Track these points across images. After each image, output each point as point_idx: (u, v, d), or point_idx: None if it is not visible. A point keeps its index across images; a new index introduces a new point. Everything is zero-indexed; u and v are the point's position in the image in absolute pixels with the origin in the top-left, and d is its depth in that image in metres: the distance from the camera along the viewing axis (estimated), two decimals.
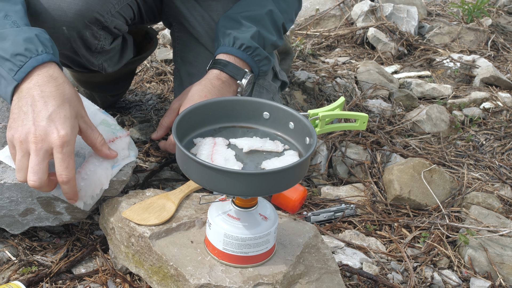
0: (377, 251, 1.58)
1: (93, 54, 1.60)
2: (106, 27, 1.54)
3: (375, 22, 3.15)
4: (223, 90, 1.53)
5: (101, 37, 1.57)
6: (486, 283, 1.50)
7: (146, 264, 1.25)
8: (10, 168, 1.33)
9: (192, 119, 1.19)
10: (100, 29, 1.54)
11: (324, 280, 1.24)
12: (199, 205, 1.36)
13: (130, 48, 1.80)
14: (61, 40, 1.49)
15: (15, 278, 1.32)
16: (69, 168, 1.18)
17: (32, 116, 1.17)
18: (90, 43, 1.54)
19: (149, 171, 1.74)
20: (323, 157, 1.95)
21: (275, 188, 1.08)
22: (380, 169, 1.92)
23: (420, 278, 1.51)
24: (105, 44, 1.59)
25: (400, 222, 1.70)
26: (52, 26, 1.48)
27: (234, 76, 1.54)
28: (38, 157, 1.16)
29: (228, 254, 1.17)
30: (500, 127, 2.37)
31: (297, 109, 2.29)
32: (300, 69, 2.61)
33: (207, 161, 1.09)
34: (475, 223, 1.72)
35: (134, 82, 2.39)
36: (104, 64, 1.67)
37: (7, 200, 1.31)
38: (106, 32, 1.57)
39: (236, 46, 1.55)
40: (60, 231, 1.47)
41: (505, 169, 2.07)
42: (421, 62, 2.93)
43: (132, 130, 2.01)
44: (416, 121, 2.26)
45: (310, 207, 1.72)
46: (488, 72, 2.71)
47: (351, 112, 1.25)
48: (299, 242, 1.29)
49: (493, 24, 3.38)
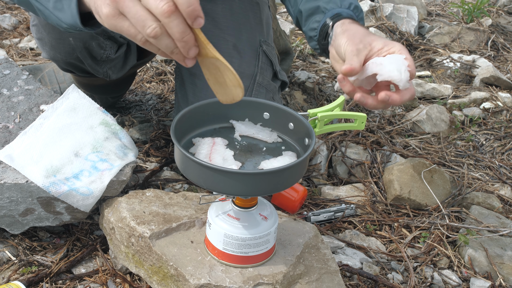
0: (377, 251, 1.58)
1: (99, 62, 1.60)
2: (112, 36, 1.55)
3: (375, 22, 3.15)
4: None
5: (107, 47, 1.57)
6: (486, 283, 1.50)
7: (146, 264, 1.25)
8: (10, 168, 1.33)
9: (191, 118, 1.19)
10: (106, 39, 1.54)
11: (324, 280, 1.24)
12: (199, 205, 1.36)
13: (134, 54, 1.80)
14: (67, 50, 1.50)
15: (15, 278, 1.32)
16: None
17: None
18: (96, 52, 1.55)
19: (149, 171, 1.74)
20: (323, 157, 1.95)
21: (272, 188, 1.08)
22: (380, 169, 1.92)
23: (420, 278, 1.51)
24: (110, 53, 1.60)
25: (400, 222, 1.70)
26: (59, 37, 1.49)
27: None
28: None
29: (228, 254, 1.17)
30: (500, 127, 2.37)
31: (297, 109, 2.29)
32: (300, 69, 2.61)
33: (205, 160, 1.09)
34: (475, 223, 1.72)
35: (134, 82, 2.39)
36: (108, 72, 1.68)
37: (7, 200, 1.31)
38: (111, 41, 1.57)
39: (345, 6, 1.46)
40: (60, 231, 1.47)
41: (505, 169, 2.07)
42: (421, 62, 2.93)
43: (132, 130, 2.01)
44: (416, 121, 2.26)
45: (310, 207, 1.72)
46: (488, 72, 2.71)
47: (349, 112, 1.25)
48: (299, 242, 1.29)
49: (493, 24, 3.38)
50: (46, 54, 1.71)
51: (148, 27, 0.89)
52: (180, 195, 1.42)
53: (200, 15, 0.89)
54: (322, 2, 1.49)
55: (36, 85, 1.59)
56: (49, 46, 1.65)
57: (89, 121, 1.46)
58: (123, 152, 1.42)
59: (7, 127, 1.46)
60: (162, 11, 0.87)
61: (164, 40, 0.91)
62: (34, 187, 1.30)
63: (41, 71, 2.09)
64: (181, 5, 0.87)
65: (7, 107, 1.51)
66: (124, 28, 0.93)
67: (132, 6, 0.90)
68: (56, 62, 1.73)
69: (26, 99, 1.54)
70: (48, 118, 1.45)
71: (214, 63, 0.96)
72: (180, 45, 0.91)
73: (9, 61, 1.68)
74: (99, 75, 1.67)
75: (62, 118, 1.45)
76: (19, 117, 1.48)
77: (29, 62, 2.47)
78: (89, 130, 1.43)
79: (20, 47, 2.62)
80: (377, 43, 1.30)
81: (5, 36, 2.74)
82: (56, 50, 1.65)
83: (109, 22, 0.93)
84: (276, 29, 2.34)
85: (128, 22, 0.92)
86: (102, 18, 0.95)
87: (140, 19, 0.90)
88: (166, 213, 1.32)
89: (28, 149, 1.37)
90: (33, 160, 1.34)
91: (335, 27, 1.41)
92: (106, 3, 0.92)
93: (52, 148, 1.37)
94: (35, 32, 1.66)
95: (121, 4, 0.90)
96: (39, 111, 1.51)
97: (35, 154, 1.35)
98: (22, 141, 1.39)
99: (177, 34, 0.90)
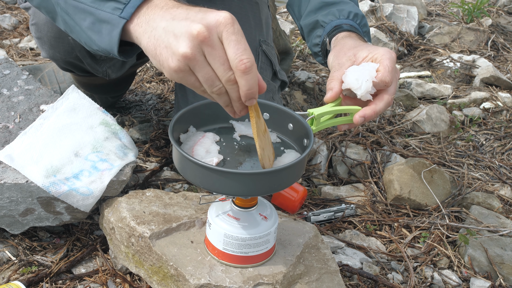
0: (377, 251, 1.58)
1: (98, 61, 1.60)
2: None
3: (375, 22, 3.15)
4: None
5: None
6: (486, 283, 1.50)
7: (146, 264, 1.25)
8: (10, 168, 1.33)
9: (190, 118, 1.19)
10: None
11: (324, 280, 1.24)
12: (199, 205, 1.36)
13: None
14: (66, 48, 1.50)
15: (15, 278, 1.32)
16: (247, 50, 0.93)
17: (180, 19, 0.95)
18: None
19: (149, 171, 1.74)
20: (323, 157, 1.95)
21: (270, 188, 1.07)
22: (380, 169, 1.92)
23: (420, 278, 1.51)
24: None
25: (400, 222, 1.70)
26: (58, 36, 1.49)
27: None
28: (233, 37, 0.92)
29: (228, 254, 1.17)
30: (500, 127, 2.37)
31: (297, 109, 2.29)
32: (300, 69, 2.61)
33: (188, 152, 1.09)
34: (475, 223, 1.72)
35: (134, 82, 2.39)
36: (108, 71, 1.68)
37: (7, 200, 1.31)
38: None
39: (344, 16, 1.47)
40: (60, 231, 1.47)
41: (505, 169, 2.07)
42: (421, 62, 2.93)
43: (132, 130, 2.01)
44: (416, 121, 2.26)
45: (310, 207, 1.72)
46: (488, 72, 2.71)
47: (343, 106, 1.26)
48: (299, 242, 1.29)
49: (493, 24, 3.38)
50: (45, 53, 1.71)
51: (215, 86, 0.96)
52: (180, 195, 1.42)
53: (255, 97, 0.97)
54: (320, 15, 1.49)
55: (36, 85, 1.59)
56: (48, 45, 1.65)
57: (89, 121, 1.46)
58: (123, 152, 1.42)
59: (7, 127, 1.46)
60: (227, 79, 0.94)
61: (224, 97, 0.98)
62: (34, 187, 1.30)
63: (41, 71, 2.09)
64: (242, 86, 0.95)
65: (7, 107, 1.51)
66: (190, 81, 0.97)
67: (203, 67, 0.94)
68: (56, 61, 1.73)
69: (26, 99, 1.54)
70: (48, 118, 1.45)
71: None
72: (235, 105, 1.00)
73: (9, 61, 1.68)
74: (99, 74, 1.67)
75: (62, 118, 1.45)
76: (19, 117, 1.48)
77: (29, 62, 2.47)
78: (89, 130, 1.43)
79: (20, 47, 2.62)
80: (361, 53, 1.30)
81: (5, 36, 2.74)
82: (55, 49, 1.65)
83: (175, 75, 0.96)
84: (276, 29, 2.34)
85: (195, 77, 0.96)
86: (166, 69, 0.96)
87: (210, 79, 0.95)
88: (166, 213, 1.32)
89: (28, 149, 1.37)
90: (33, 160, 1.34)
91: (331, 43, 1.43)
92: (176, 58, 0.93)
93: (52, 148, 1.37)
94: (34, 31, 1.65)
95: (193, 63, 0.93)
96: (39, 111, 1.51)
97: (35, 154, 1.35)
98: (22, 141, 1.39)
99: (235, 98, 0.98)
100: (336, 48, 1.38)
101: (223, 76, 0.94)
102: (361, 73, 1.24)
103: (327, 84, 1.30)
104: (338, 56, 1.33)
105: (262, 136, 1.07)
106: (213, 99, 1.00)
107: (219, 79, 0.95)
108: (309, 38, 1.55)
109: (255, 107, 1.02)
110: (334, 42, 1.41)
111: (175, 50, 0.93)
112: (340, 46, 1.37)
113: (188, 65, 0.93)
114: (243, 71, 0.92)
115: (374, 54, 1.29)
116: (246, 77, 0.93)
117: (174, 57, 0.93)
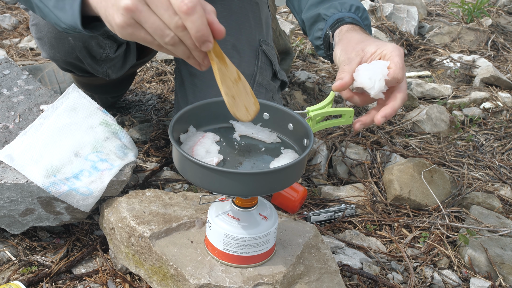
0: (377, 251, 1.58)
1: (98, 62, 1.60)
2: (111, 36, 1.55)
3: (375, 22, 3.14)
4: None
5: (106, 46, 1.57)
6: (486, 283, 1.50)
7: (146, 264, 1.25)
8: (10, 168, 1.33)
9: (190, 118, 1.19)
10: (105, 38, 1.54)
11: (324, 280, 1.24)
12: (199, 205, 1.36)
13: (133, 54, 1.80)
14: (66, 49, 1.50)
15: (15, 278, 1.32)
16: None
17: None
18: (95, 52, 1.55)
19: (149, 171, 1.74)
20: (323, 157, 1.95)
21: (270, 188, 1.07)
22: (380, 169, 1.92)
23: (420, 278, 1.51)
24: (110, 52, 1.59)
25: (400, 222, 1.70)
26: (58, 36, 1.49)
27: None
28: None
29: (228, 254, 1.17)
30: (500, 127, 2.37)
31: (297, 109, 2.29)
32: (300, 69, 2.61)
33: (188, 152, 1.09)
34: (475, 223, 1.72)
35: (134, 82, 2.39)
36: (108, 71, 1.68)
37: (7, 200, 1.31)
38: (111, 40, 1.57)
39: (346, 9, 1.47)
40: (60, 231, 1.47)
41: (505, 169, 2.07)
42: (421, 62, 2.93)
43: (132, 130, 2.01)
44: (416, 121, 2.26)
45: (310, 207, 1.72)
46: (488, 72, 2.71)
47: (337, 108, 1.26)
48: (299, 242, 1.29)
49: (493, 24, 3.38)
50: (45, 53, 1.71)
51: (166, 36, 0.92)
52: (180, 195, 1.42)
53: (209, 40, 0.92)
54: (322, 8, 1.49)
55: (36, 85, 1.59)
56: (48, 46, 1.65)
57: (89, 121, 1.46)
58: (123, 152, 1.42)
59: (7, 127, 1.46)
60: (175, 25, 0.90)
61: (180, 47, 0.94)
62: (34, 187, 1.30)
63: (41, 71, 2.09)
64: (190, 29, 0.91)
65: (7, 107, 1.51)
66: (140, 36, 0.95)
67: (148, 17, 0.91)
68: (56, 61, 1.73)
69: (26, 99, 1.54)
70: (48, 118, 1.45)
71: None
72: (195, 54, 0.95)
73: (9, 61, 1.68)
74: (99, 74, 1.67)
75: (62, 118, 1.45)
76: (19, 117, 1.48)
77: (29, 62, 2.47)
78: (89, 130, 1.43)
79: (20, 47, 2.62)
80: (370, 48, 1.30)
81: (5, 36, 2.74)
82: (56, 49, 1.65)
83: (123, 31, 0.94)
84: (276, 29, 2.34)
85: (144, 31, 0.94)
86: (114, 27, 0.95)
87: (158, 28, 0.92)
88: (166, 213, 1.32)
89: (28, 149, 1.37)
90: (33, 160, 1.34)
91: (334, 36, 1.41)
92: (120, 13, 0.92)
93: (52, 148, 1.37)
94: (35, 31, 1.65)
95: (137, 14, 0.91)
96: (39, 111, 1.51)
97: (35, 154, 1.35)
98: (22, 141, 1.39)
99: (191, 45, 0.94)
100: (342, 42, 1.37)
101: (170, 23, 0.91)
102: (373, 72, 1.24)
103: (338, 75, 1.28)
104: (347, 51, 1.32)
105: (231, 83, 1.01)
106: (171, 53, 0.97)
107: (169, 27, 0.92)
108: (311, 32, 1.55)
109: (216, 52, 0.96)
110: (338, 35, 1.41)
111: (118, 5, 0.92)
112: (346, 40, 1.36)
113: (133, 17, 0.92)
114: (186, 12, 0.89)
115: (382, 50, 1.28)
116: (191, 18, 0.89)
117: (118, 13, 0.92)
